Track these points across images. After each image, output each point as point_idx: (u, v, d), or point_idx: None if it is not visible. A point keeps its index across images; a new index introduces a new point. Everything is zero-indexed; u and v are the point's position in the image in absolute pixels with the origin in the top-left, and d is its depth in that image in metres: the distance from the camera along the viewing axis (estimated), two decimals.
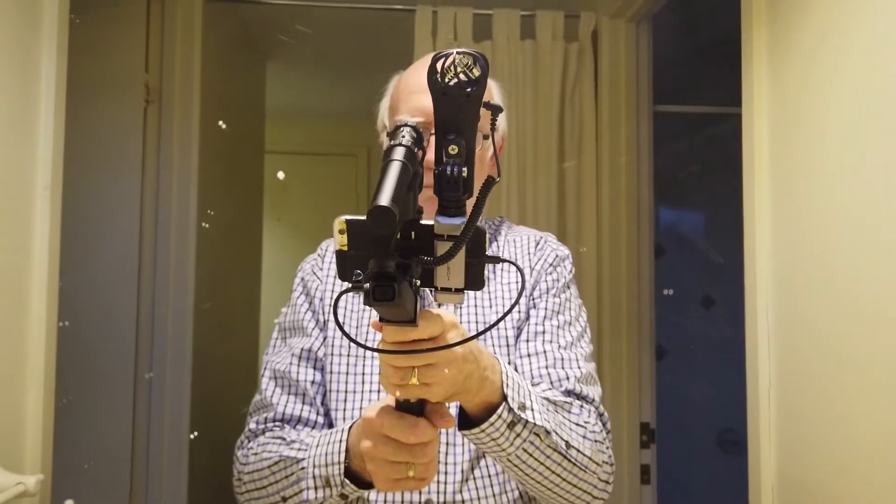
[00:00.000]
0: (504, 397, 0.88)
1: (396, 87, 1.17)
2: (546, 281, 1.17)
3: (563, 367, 1.09)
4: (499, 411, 0.87)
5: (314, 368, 1.13)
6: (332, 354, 1.13)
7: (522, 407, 0.89)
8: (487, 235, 0.71)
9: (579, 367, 1.10)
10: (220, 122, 2.67)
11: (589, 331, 1.19)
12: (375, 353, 1.09)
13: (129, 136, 2.33)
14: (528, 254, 1.21)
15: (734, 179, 1.65)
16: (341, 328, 0.69)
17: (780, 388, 1.51)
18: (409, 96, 1.11)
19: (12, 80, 1.37)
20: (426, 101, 1.08)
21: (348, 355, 1.12)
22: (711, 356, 3.36)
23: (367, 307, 1.14)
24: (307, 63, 3.63)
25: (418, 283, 0.66)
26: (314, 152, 4.28)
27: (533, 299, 1.15)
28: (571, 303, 1.18)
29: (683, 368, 3.47)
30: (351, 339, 0.71)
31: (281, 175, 2.24)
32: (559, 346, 1.11)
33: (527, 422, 0.89)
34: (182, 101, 2.42)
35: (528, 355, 1.10)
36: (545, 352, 1.10)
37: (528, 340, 1.12)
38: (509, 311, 0.81)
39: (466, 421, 0.90)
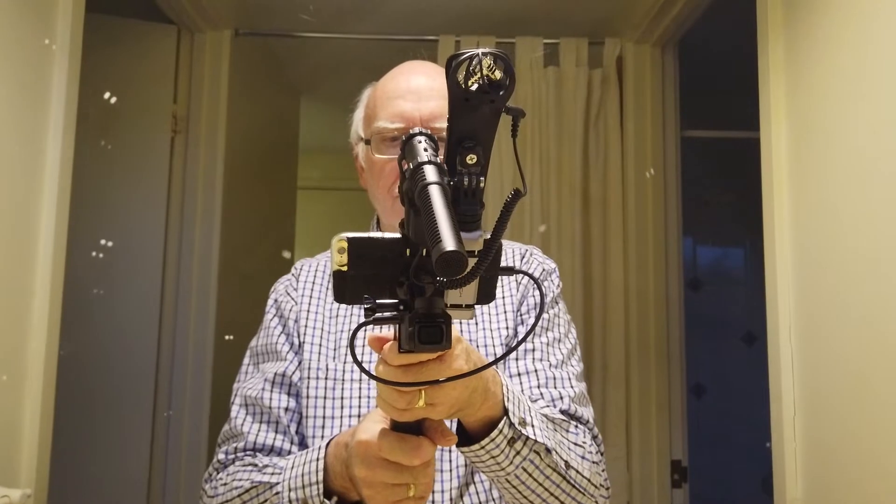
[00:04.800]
0: (505, 411, 0.82)
1: (372, 95, 1.12)
2: (533, 296, 1.10)
3: (555, 387, 1.02)
4: (499, 426, 0.81)
5: (288, 394, 1.06)
6: (308, 378, 1.05)
7: (523, 422, 0.83)
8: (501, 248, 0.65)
9: (572, 387, 1.03)
10: (247, 155, 2.71)
11: (579, 348, 1.12)
12: (354, 377, 1.04)
13: (156, 165, 2.38)
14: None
15: None
16: (360, 366, 0.64)
17: (804, 419, 1.43)
18: (388, 102, 1.06)
19: (22, 109, 1.41)
20: (406, 105, 1.05)
21: (325, 378, 1.05)
22: (755, 395, 3.20)
23: (347, 328, 1.09)
24: (340, 99, 3.66)
25: None
26: (349, 188, 4.29)
27: (521, 315, 1.09)
28: (560, 318, 1.11)
29: (725, 407, 3.32)
30: (374, 378, 0.65)
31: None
32: (550, 365, 1.05)
33: (527, 438, 0.84)
34: (208, 132, 2.47)
35: (519, 374, 1.04)
36: (536, 370, 1.03)
37: (517, 358, 1.05)
38: (530, 331, 0.73)
39: (464, 437, 0.84)
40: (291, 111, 3.40)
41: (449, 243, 0.49)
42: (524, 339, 0.71)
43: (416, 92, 1.05)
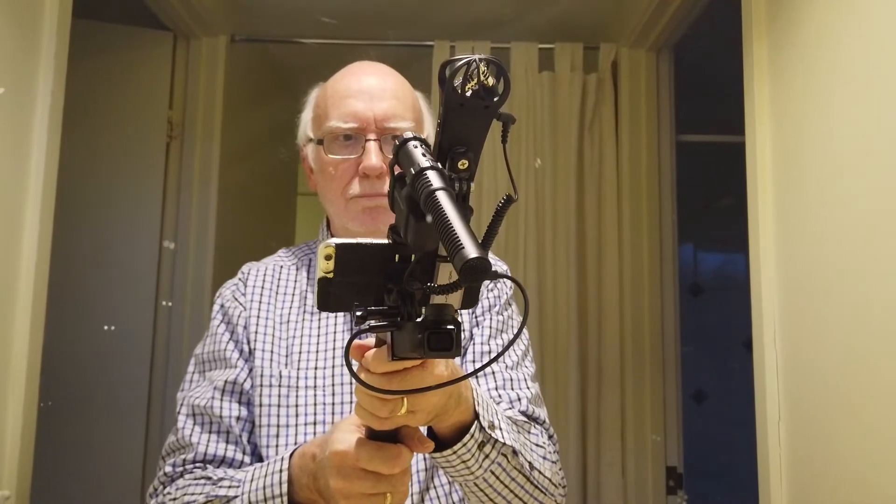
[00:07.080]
0: (476, 416, 0.82)
1: (322, 95, 1.10)
2: (488, 298, 1.10)
3: (513, 388, 1.03)
4: (471, 431, 0.81)
5: (239, 403, 1.01)
6: (260, 386, 1.01)
7: (492, 426, 0.84)
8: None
9: (528, 388, 1.04)
10: (240, 163, 2.72)
11: (531, 350, 1.12)
12: (308, 384, 1.02)
13: (151, 170, 2.40)
14: None
15: None
16: (355, 376, 0.63)
17: (789, 424, 1.41)
18: (341, 101, 1.04)
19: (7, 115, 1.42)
20: (358, 105, 1.04)
21: (279, 386, 1.01)
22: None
23: (298, 334, 1.07)
24: None
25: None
26: None
27: (476, 317, 1.09)
28: (514, 320, 1.11)
29: (726, 413, 3.29)
30: (372, 388, 0.64)
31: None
32: (506, 366, 1.05)
33: (496, 441, 0.84)
34: (204, 138, 2.48)
35: (476, 377, 1.04)
36: (494, 372, 1.04)
37: (474, 361, 1.05)
38: (513, 340, 0.72)
39: (435, 443, 0.84)
40: (290, 116, 3.40)
41: (472, 250, 0.49)
42: (510, 345, 0.70)
43: (367, 92, 1.04)
